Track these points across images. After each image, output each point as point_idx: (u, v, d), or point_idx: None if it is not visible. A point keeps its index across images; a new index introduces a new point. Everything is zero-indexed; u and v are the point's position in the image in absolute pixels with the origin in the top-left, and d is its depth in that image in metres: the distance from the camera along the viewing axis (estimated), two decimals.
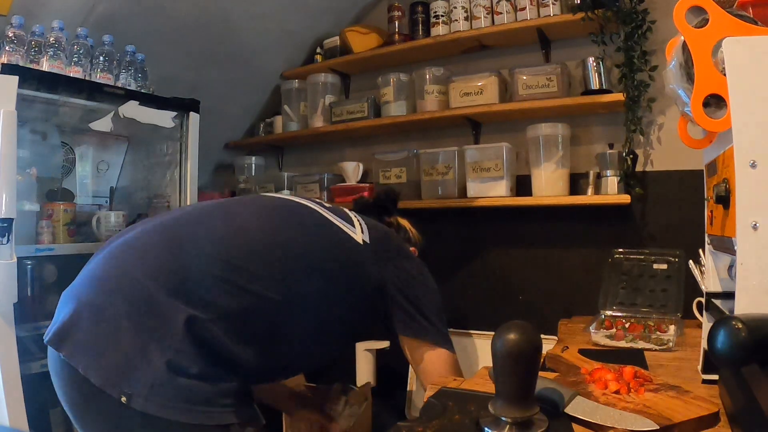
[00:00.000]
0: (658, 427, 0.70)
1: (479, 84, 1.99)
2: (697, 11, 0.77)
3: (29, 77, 1.47)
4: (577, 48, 1.93)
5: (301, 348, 1.02)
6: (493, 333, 0.69)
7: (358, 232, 1.10)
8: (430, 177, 2.07)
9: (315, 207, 1.11)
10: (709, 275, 0.96)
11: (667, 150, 1.80)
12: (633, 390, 0.83)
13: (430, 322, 1.12)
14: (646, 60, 1.73)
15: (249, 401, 0.92)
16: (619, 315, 1.34)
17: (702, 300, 0.98)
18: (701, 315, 1.00)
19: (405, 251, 1.20)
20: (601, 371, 0.89)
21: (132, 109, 1.74)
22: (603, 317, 1.34)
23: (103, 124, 1.74)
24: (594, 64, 1.83)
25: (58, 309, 0.89)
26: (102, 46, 1.73)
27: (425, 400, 0.86)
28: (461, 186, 2.02)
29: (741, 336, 0.55)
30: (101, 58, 1.71)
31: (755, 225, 0.66)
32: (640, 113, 1.73)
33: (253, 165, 2.57)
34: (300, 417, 1.35)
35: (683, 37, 0.80)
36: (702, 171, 0.99)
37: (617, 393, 0.83)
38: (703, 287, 0.96)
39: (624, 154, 1.77)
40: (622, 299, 1.39)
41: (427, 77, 2.11)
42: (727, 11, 0.75)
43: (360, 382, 2.03)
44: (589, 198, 1.81)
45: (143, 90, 1.81)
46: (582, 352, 1.12)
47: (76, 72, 1.64)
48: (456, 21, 2.05)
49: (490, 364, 0.73)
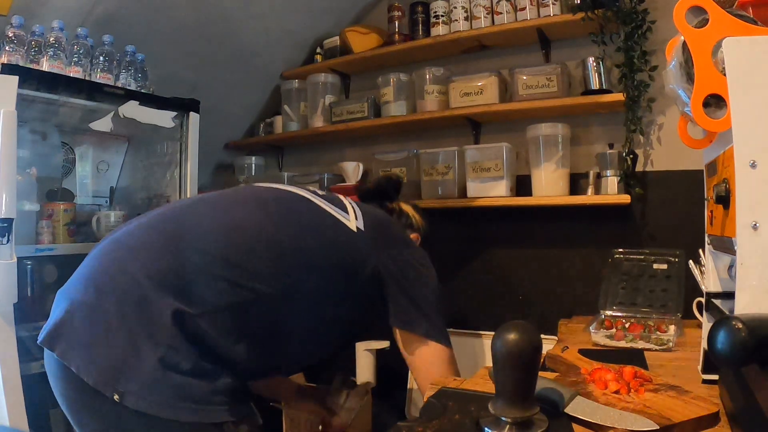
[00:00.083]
0: (658, 427, 0.70)
1: (479, 84, 1.99)
2: (697, 11, 0.77)
3: (29, 77, 1.47)
4: (577, 48, 1.93)
5: (297, 344, 1.01)
6: (493, 333, 0.70)
7: (351, 219, 1.07)
8: (430, 177, 2.07)
9: (309, 196, 1.08)
10: (709, 275, 0.96)
11: (667, 150, 1.80)
12: (633, 390, 0.83)
13: (422, 312, 1.07)
14: (646, 60, 1.73)
15: (244, 399, 0.91)
16: (619, 315, 1.34)
17: (702, 300, 0.98)
18: (701, 315, 1.00)
19: (403, 238, 1.16)
20: (601, 371, 0.89)
21: (132, 109, 1.74)
22: (603, 317, 1.34)
23: (103, 124, 1.74)
24: (594, 64, 1.83)
25: (52, 309, 0.89)
26: (102, 46, 1.73)
27: (425, 400, 0.86)
28: (461, 186, 2.02)
29: (741, 336, 0.55)
30: (101, 58, 1.71)
31: (755, 225, 0.66)
32: (640, 113, 1.73)
33: (253, 165, 2.57)
34: (300, 408, 1.33)
35: (683, 37, 0.80)
36: (702, 171, 0.99)
37: (617, 393, 0.83)
38: (703, 287, 0.96)
39: (624, 154, 1.77)
40: (622, 299, 1.39)
41: (427, 77, 2.11)
42: (727, 11, 0.75)
43: (360, 382, 2.03)
44: (589, 198, 1.81)
45: (143, 90, 1.81)
46: (582, 352, 1.12)
47: (76, 72, 1.64)
48: (456, 21, 2.05)
49: (490, 364, 0.73)
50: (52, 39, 1.59)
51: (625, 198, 1.73)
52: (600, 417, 0.73)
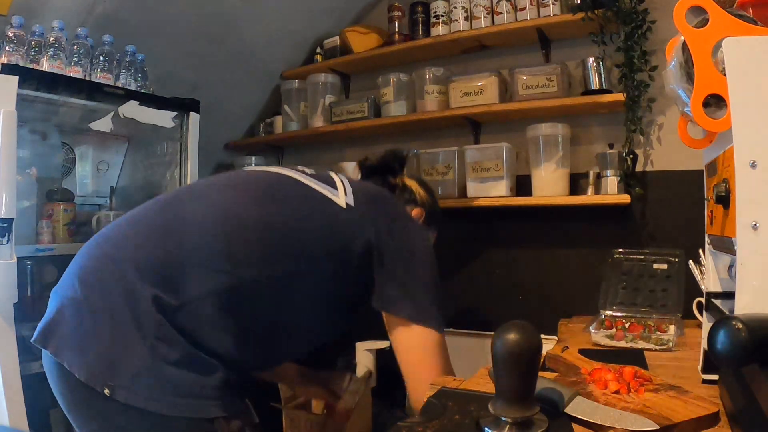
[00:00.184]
0: (658, 427, 0.70)
1: (479, 84, 1.99)
2: (697, 11, 0.77)
3: (29, 77, 1.47)
4: (577, 48, 1.93)
5: (291, 331, 0.97)
6: (493, 333, 0.69)
7: (340, 195, 1.01)
8: (430, 177, 2.07)
9: (296, 176, 1.03)
10: (709, 275, 0.96)
11: (667, 150, 1.80)
12: (633, 390, 0.83)
13: (407, 292, 0.97)
14: (646, 60, 1.73)
15: (239, 395, 0.88)
16: (619, 315, 1.34)
17: (702, 300, 0.97)
18: (701, 315, 1.00)
19: (398, 211, 1.08)
20: (601, 371, 0.89)
21: (132, 109, 1.74)
22: (603, 317, 1.34)
23: (103, 124, 1.74)
24: (594, 64, 1.83)
25: (47, 308, 0.89)
26: (102, 46, 1.73)
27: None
28: (461, 186, 2.02)
29: (741, 336, 0.55)
30: (101, 58, 1.71)
31: (755, 225, 0.66)
32: (640, 113, 1.73)
33: (253, 165, 2.56)
34: (304, 392, 1.31)
35: (683, 37, 0.80)
36: (702, 171, 0.99)
37: (617, 393, 0.83)
38: (703, 287, 0.96)
39: (624, 154, 1.77)
40: (622, 299, 1.39)
41: (427, 77, 2.11)
42: (727, 11, 0.75)
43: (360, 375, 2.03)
44: (589, 198, 1.81)
45: (143, 90, 1.81)
46: (582, 352, 1.12)
47: (76, 72, 1.64)
48: (456, 21, 2.05)
49: (490, 364, 0.73)
50: (52, 39, 1.59)
51: (625, 198, 1.73)
52: (600, 417, 0.73)
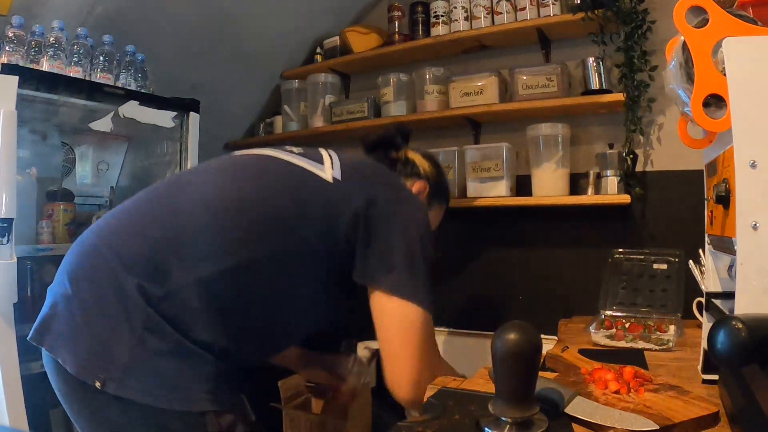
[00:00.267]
0: (658, 427, 0.70)
1: (479, 84, 1.99)
2: (697, 11, 0.77)
3: (29, 77, 1.47)
4: (577, 48, 1.93)
5: (282, 316, 0.93)
6: (493, 333, 0.70)
7: (327, 169, 0.97)
8: None
9: (282, 155, 1.00)
10: (709, 275, 0.96)
11: (667, 150, 1.80)
12: (633, 390, 0.83)
13: (390, 264, 0.90)
14: (646, 60, 1.72)
15: (233, 389, 0.86)
16: (619, 315, 1.34)
17: (702, 300, 0.98)
18: (701, 315, 1.00)
19: (389, 184, 1.03)
20: (601, 371, 0.89)
21: (132, 109, 1.74)
22: (603, 317, 1.34)
23: (103, 124, 1.74)
24: (594, 64, 1.83)
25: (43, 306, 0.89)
26: (102, 46, 1.73)
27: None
28: (461, 186, 2.02)
29: (741, 336, 0.55)
30: (101, 58, 1.71)
31: (755, 225, 0.66)
32: (640, 113, 1.73)
33: None
34: (308, 375, 1.30)
35: (683, 37, 0.80)
36: (702, 171, 0.99)
37: (617, 393, 0.83)
38: (703, 287, 0.96)
39: (624, 154, 1.77)
40: (622, 299, 1.39)
41: (427, 77, 2.11)
42: (727, 11, 0.75)
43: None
44: (589, 198, 1.81)
45: (143, 90, 1.81)
46: (582, 352, 1.12)
47: (76, 72, 1.64)
48: (456, 21, 2.05)
49: (490, 364, 0.73)
50: (52, 39, 1.59)
51: (625, 198, 1.73)
52: (600, 417, 0.73)
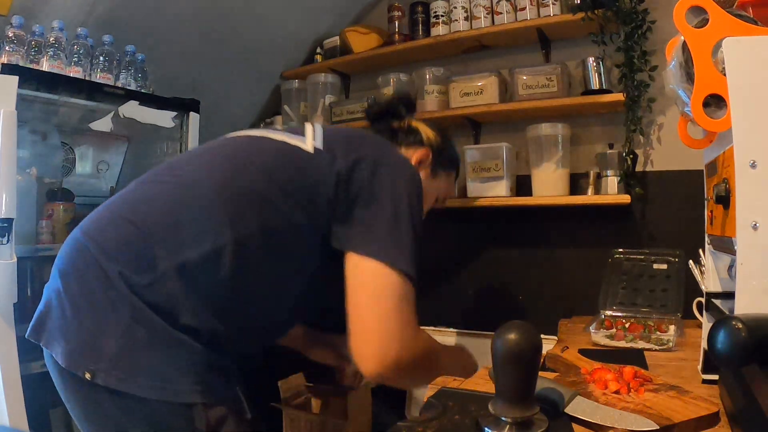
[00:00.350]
0: (658, 427, 0.70)
1: (479, 84, 1.99)
2: (697, 11, 0.77)
3: (29, 77, 1.47)
4: (577, 48, 1.93)
5: (273, 297, 0.90)
6: (493, 333, 0.70)
7: (308, 140, 0.93)
8: None
9: (263, 133, 0.97)
10: (709, 275, 0.96)
11: (667, 150, 1.80)
12: (633, 390, 0.83)
13: (368, 227, 0.84)
14: (646, 60, 1.73)
15: (229, 383, 0.83)
16: (619, 315, 1.34)
17: (702, 300, 0.98)
18: (701, 315, 1.00)
19: (376, 148, 0.96)
20: (601, 371, 0.89)
21: (132, 109, 1.74)
22: (603, 317, 1.34)
23: (103, 124, 1.74)
24: (594, 64, 1.83)
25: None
26: (102, 46, 1.73)
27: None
28: (461, 186, 2.02)
29: (741, 336, 0.55)
30: (101, 58, 1.71)
31: (755, 225, 0.66)
32: (640, 113, 1.73)
33: None
34: (313, 355, 1.29)
35: (683, 37, 0.80)
36: (702, 171, 0.99)
37: (617, 393, 0.83)
38: (703, 287, 0.96)
39: (624, 154, 1.77)
40: (622, 299, 1.39)
41: (427, 77, 2.11)
42: (727, 11, 0.75)
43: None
44: (589, 198, 1.81)
45: (143, 90, 1.81)
46: (582, 352, 1.12)
47: (76, 72, 1.64)
48: (456, 21, 2.05)
49: (490, 364, 0.73)
50: (52, 39, 1.59)
51: (625, 198, 1.73)
52: (600, 417, 0.73)
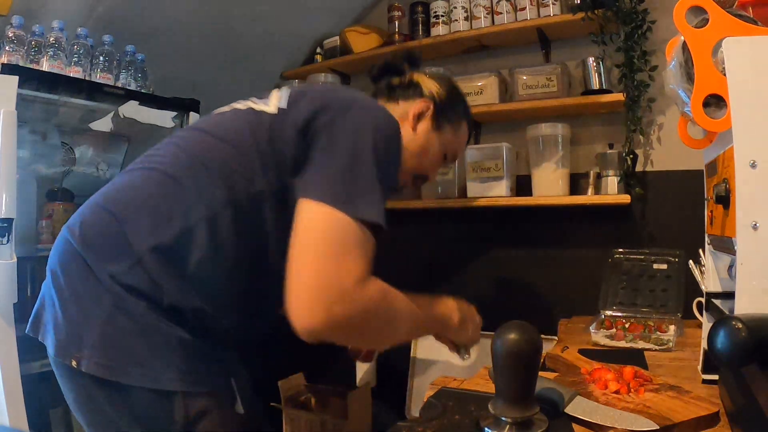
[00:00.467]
0: (658, 427, 0.70)
1: (479, 84, 1.99)
2: (697, 11, 0.77)
3: (29, 77, 1.47)
4: (577, 48, 1.93)
5: (252, 270, 0.85)
6: (493, 333, 0.70)
7: (272, 102, 0.90)
8: None
9: (228, 108, 0.95)
10: (709, 275, 0.96)
11: (667, 150, 1.80)
12: (633, 390, 0.83)
13: (323, 172, 0.79)
14: (646, 60, 1.73)
15: (215, 370, 0.80)
16: (619, 315, 1.34)
17: (702, 300, 0.98)
18: (701, 315, 1.00)
19: (344, 93, 0.91)
20: (601, 371, 0.89)
21: (132, 109, 1.74)
22: (603, 317, 1.34)
23: (103, 124, 1.74)
24: (594, 64, 1.83)
25: None
26: (102, 46, 1.73)
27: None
28: (461, 186, 2.02)
29: (741, 336, 0.55)
30: (101, 58, 1.71)
31: (755, 225, 0.66)
32: (640, 113, 1.73)
33: None
34: None
35: (683, 37, 0.80)
36: (702, 171, 0.99)
37: (617, 393, 0.83)
38: (703, 287, 0.96)
39: (624, 154, 1.77)
40: (622, 299, 1.39)
41: None
42: (727, 11, 0.75)
43: (360, 382, 2.03)
44: (589, 198, 1.81)
45: (143, 90, 1.81)
46: (582, 352, 1.12)
47: (76, 72, 1.64)
48: (456, 21, 2.05)
49: (490, 364, 0.73)
50: (52, 39, 1.59)
51: (625, 198, 1.73)
52: (600, 417, 0.73)
